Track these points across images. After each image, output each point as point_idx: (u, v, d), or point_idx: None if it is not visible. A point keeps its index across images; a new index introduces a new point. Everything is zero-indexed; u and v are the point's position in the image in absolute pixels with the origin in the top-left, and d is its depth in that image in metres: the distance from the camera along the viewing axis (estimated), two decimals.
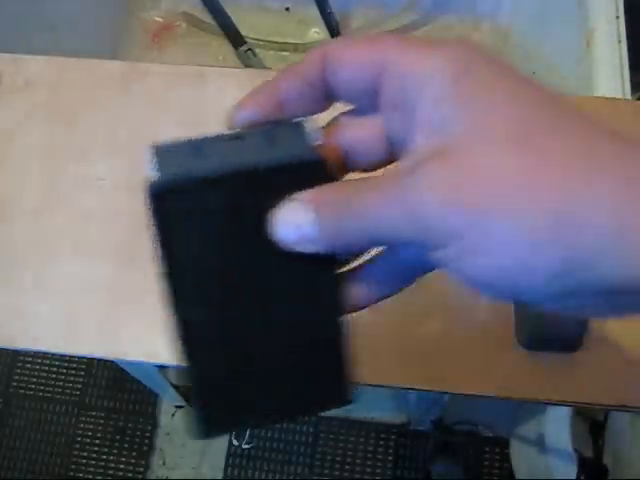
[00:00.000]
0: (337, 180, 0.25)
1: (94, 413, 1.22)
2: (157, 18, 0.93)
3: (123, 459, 1.20)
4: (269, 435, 1.10)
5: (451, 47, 0.22)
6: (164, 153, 0.23)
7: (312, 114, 0.25)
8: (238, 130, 0.24)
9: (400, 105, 0.23)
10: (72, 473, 1.20)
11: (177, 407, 1.21)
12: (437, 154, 0.21)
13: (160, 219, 0.23)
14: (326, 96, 0.24)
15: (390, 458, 1.08)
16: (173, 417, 1.21)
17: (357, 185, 0.23)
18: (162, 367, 0.85)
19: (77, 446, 1.22)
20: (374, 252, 0.26)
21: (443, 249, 0.21)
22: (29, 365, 1.26)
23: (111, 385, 1.24)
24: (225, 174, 0.23)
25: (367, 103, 0.24)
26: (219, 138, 0.23)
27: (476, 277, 0.21)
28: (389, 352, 0.44)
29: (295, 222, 0.23)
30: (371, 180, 0.23)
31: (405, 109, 0.23)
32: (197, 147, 0.23)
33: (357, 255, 0.26)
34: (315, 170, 0.24)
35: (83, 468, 1.20)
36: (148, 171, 0.23)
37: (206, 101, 0.51)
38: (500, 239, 0.20)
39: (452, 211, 0.20)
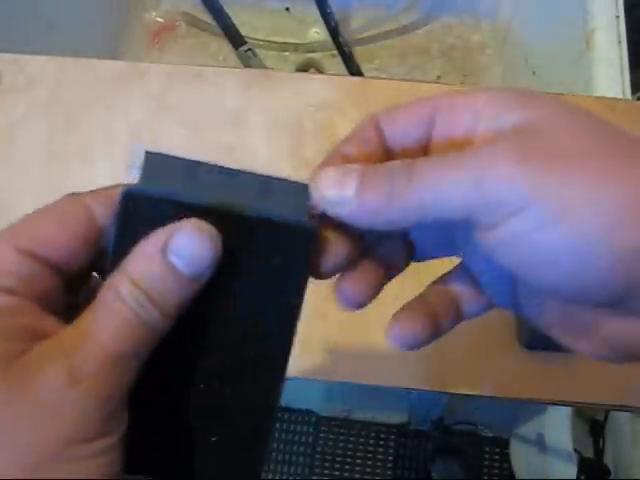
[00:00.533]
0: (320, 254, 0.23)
1: None
2: (157, 18, 0.93)
3: None
4: None
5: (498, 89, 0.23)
6: (155, 162, 0.22)
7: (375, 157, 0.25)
8: (238, 169, 0.23)
9: (455, 133, 0.23)
10: None
11: None
12: (514, 131, 0.21)
13: (123, 225, 0.21)
14: (381, 150, 0.24)
15: (390, 458, 1.08)
16: None
17: (423, 158, 0.22)
18: None
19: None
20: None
21: (508, 222, 0.20)
22: None
23: None
24: (203, 205, 0.21)
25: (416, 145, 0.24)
26: (215, 169, 0.23)
27: (545, 251, 0.20)
28: (389, 352, 0.44)
29: (337, 180, 0.22)
30: (434, 157, 0.22)
31: (461, 133, 0.23)
32: (189, 168, 0.22)
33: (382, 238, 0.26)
34: (302, 239, 0.22)
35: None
36: (132, 173, 0.22)
37: (206, 101, 0.51)
38: (583, 210, 0.19)
39: (531, 175, 0.20)
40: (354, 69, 0.85)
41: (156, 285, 0.21)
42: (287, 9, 0.94)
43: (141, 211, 0.21)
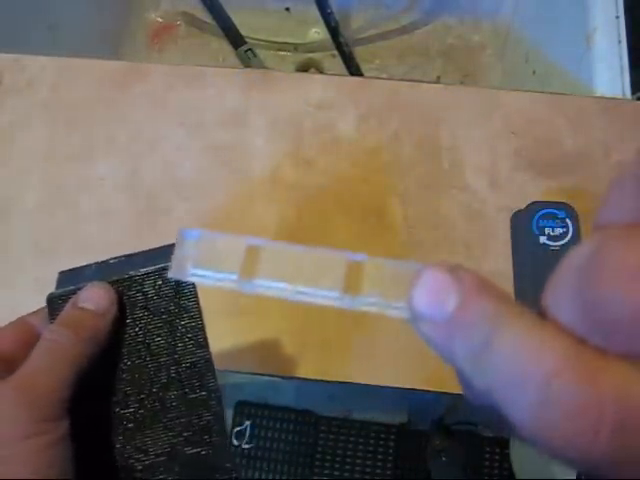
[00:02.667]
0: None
1: None
2: (157, 18, 0.94)
3: None
4: (269, 435, 1.09)
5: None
6: (67, 274, 0.31)
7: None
8: (127, 254, 0.31)
9: None
10: None
11: None
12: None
13: (51, 316, 0.30)
14: None
15: (390, 458, 1.08)
16: None
17: (522, 310, 0.17)
18: None
19: None
20: None
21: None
22: None
23: None
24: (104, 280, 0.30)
25: None
26: (112, 260, 0.31)
27: None
28: (389, 352, 0.44)
29: (437, 295, 0.19)
30: (523, 315, 0.17)
31: None
32: (91, 267, 0.31)
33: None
34: (167, 279, 0.31)
35: None
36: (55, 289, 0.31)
37: (206, 101, 0.51)
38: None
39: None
40: (354, 69, 0.85)
41: (69, 319, 0.29)
42: (287, 9, 0.94)
43: (60, 304, 0.30)
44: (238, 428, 1.03)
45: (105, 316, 0.29)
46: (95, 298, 0.29)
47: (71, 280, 0.31)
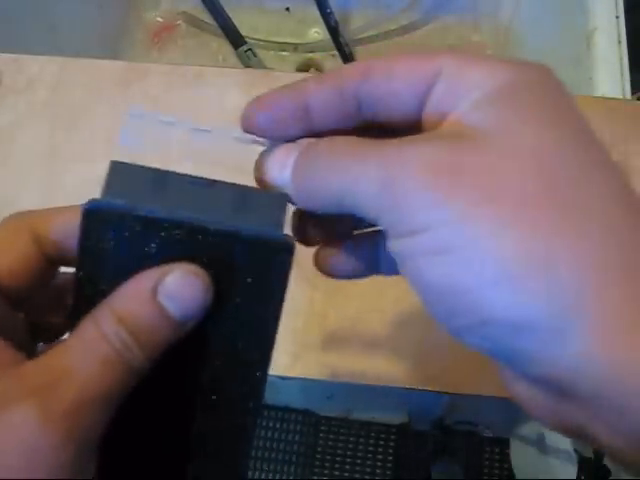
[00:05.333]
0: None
1: None
2: (157, 18, 0.93)
3: None
4: (269, 435, 1.09)
5: (512, 64, 0.20)
6: (123, 173, 0.21)
7: (339, 127, 0.22)
8: (211, 179, 0.22)
9: (443, 113, 0.20)
10: None
11: None
12: (448, 134, 0.19)
13: (86, 242, 0.20)
14: (355, 107, 0.21)
15: (390, 458, 1.08)
16: None
17: (344, 139, 0.20)
18: None
19: None
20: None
21: (404, 238, 0.18)
22: None
23: None
24: (172, 220, 0.20)
25: (401, 115, 0.21)
26: (186, 179, 0.21)
27: (428, 280, 0.18)
28: (389, 352, 0.44)
29: (280, 162, 0.22)
30: (358, 139, 0.20)
31: (444, 112, 0.20)
32: (159, 180, 0.21)
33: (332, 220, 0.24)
34: (278, 254, 0.21)
35: None
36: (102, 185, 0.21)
37: (206, 101, 0.51)
38: (481, 255, 0.17)
39: (440, 198, 0.17)
40: None
41: (144, 325, 0.19)
42: (287, 9, 0.93)
43: (105, 227, 0.20)
44: None
45: (186, 326, 0.20)
46: (185, 298, 0.20)
47: (130, 187, 0.20)
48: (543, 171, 0.18)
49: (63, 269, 0.23)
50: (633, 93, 0.56)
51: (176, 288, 0.20)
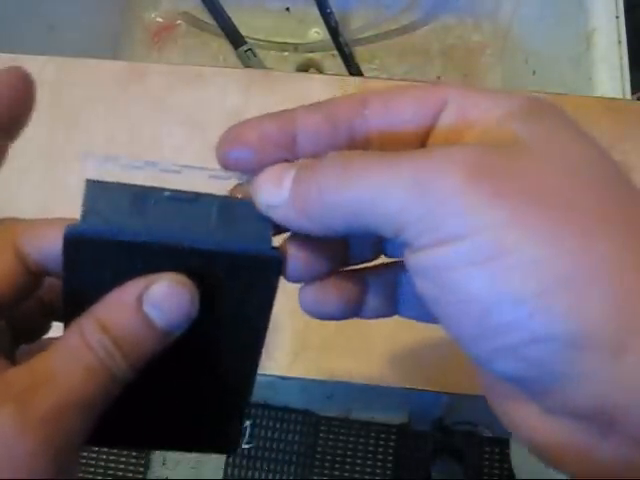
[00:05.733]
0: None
1: None
2: (157, 18, 0.93)
3: (123, 459, 1.20)
4: (269, 435, 1.09)
5: (516, 94, 0.19)
6: (100, 192, 0.20)
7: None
8: (193, 192, 0.21)
9: (453, 139, 0.19)
10: None
11: None
12: (484, 140, 0.18)
13: (70, 267, 0.20)
14: (348, 139, 0.20)
15: (390, 458, 1.08)
16: None
17: (356, 151, 0.19)
18: None
19: None
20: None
21: (437, 249, 0.17)
22: None
23: None
24: (153, 243, 0.20)
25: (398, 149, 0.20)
26: (167, 195, 0.20)
27: (469, 292, 0.17)
28: (389, 352, 0.44)
29: (274, 180, 0.20)
30: (371, 151, 0.19)
31: (457, 138, 0.19)
32: (139, 197, 0.20)
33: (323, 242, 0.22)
34: (266, 268, 0.21)
35: (83, 468, 1.20)
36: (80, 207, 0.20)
37: (206, 101, 0.51)
38: (532, 262, 0.16)
39: (483, 201, 0.16)
40: (354, 69, 0.85)
41: (128, 334, 0.19)
42: (287, 9, 0.93)
43: (88, 252, 0.20)
44: None
45: (171, 336, 0.20)
46: (170, 307, 0.19)
47: (108, 208, 0.20)
48: (592, 178, 0.17)
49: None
50: (633, 93, 0.56)
51: (161, 297, 0.19)
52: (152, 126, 0.50)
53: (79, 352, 0.19)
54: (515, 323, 0.16)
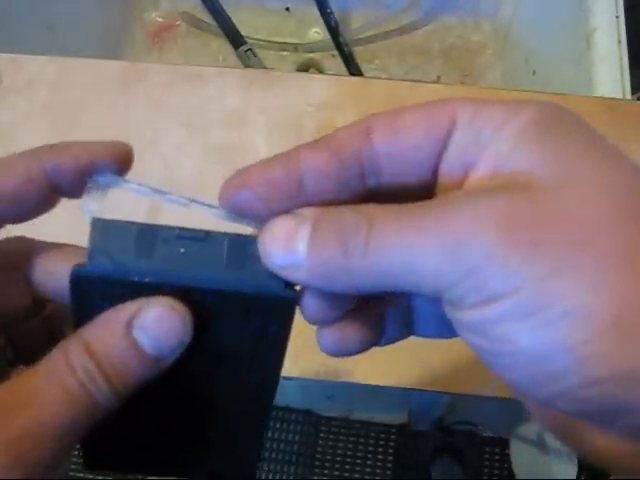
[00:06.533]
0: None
1: None
2: (157, 18, 0.93)
3: None
4: (269, 435, 1.09)
5: (530, 103, 0.19)
6: (107, 230, 0.20)
7: (338, 198, 0.19)
8: (202, 230, 0.20)
9: (467, 163, 0.19)
10: (72, 473, 1.20)
11: None
12: (507, 187, 0.17)
13: (78, 305, 0.20)
14: (357, 174, 0.19)
15: (390, 458, 1.08)
16: None
17: (375, 206, 0.18)
18: None
19: (77, 446, 1.22)
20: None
21: (481, 307, 0.17)
22: None
23: None
24: (162, 284, 0.19)
25: (411, 177, 0.19)
26: (175, 233, 0.20)
27: (520, 345, 0.16)
28: (389, 352, 0.44)
29: (286, 242, 0.18)
30: (396, 206, 0.18)
31: (470, 161, 0.18)
32: (147, 236, 0.20)
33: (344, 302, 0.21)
34: (280, 307, 0.20)
35: (82, 467, 1.20)
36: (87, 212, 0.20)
37: (206, 101, 0.51)
38: (583, 309, 0.16)
39: (523, 256, 0.16)
40: (354, 69, 0.85)
41: (113, 359, 0.19)
42: (287, 9, 0.93)
43: (95, 291, 0.19)
44: None
45: (161, 363, 0.19)
46: (160, 332, 0.19)
47: (116, 247, 0.19)
48: (622, 210, 0.16)
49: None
50: (633, 93, 0.56)
51: (152, 322, 0.19)
52: (152, 126, 0.50)
53: (60, 374, 0.18)
54: (566, 371, 0.16)
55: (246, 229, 0.20)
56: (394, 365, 0.44)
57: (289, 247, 0.18)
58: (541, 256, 0.16)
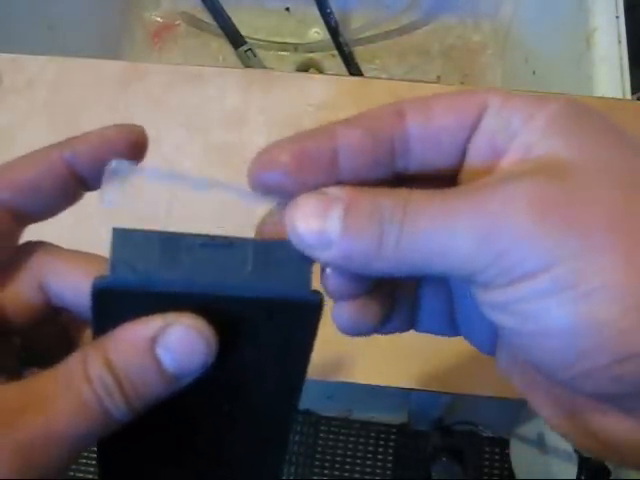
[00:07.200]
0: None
1: None
2: (157, 18, 0.93)
3: None
4: None
5: (554, 97, 0.19)
6: (128, 240, 0.19)
7: (369, 177, 0.19)
8: (226, 237, 0.19)
9: (497, 148, 0.19)
10: (72, 473, 1.20)
11: None
12: (540, 170, 0.17)
13: (99, 316, 0.19)
14: (389, 154, 0.19)
15: (390, 458, 1.08)
16: None
17: (408, 191, 0.18)
18: None
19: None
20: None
21: (513, 285, 0.17)
22: None
23: None
24: (186, 294, 0.19)
25: (439, 161, 0.20)
26: (198, 241, 0.19)
27: (555, 321, 0.17)
28: (389, 352, 0.44)
29: (317, 221, 0.18)
30: (429, 191, 0.18)
31: (500, 146, 0.19)
32: (169, 245, 0.19)
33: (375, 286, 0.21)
34: (306, 312, 0.20)
35: (83, 468, 1.20)
36: (108, 256, 0.19)
37: (206, 101, 0.51)
38: (615, 285, 0.16)
39: (553, 234, 0.16)
40: (354, 69, 0.85)
41: (132, 374, 0.18)
42: (287, 9, 0.94)
43: (118, 303, 0.19)
44: None
45: (180, 383, 0.19)
46: (184, 352, 0.18)
47: (138, 257, 0.19)
48: None
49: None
50: (633, 93, 0.56)
51: (176, 342, 0.18)
52: (152, 126, 0.50)
53: (76, 383, 0.18)
54: (597, 347, 0.16)
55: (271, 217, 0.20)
56: (394, 365, 0.44)
57: (321, 226, 0.18)
58: (573, 235, 0.16)
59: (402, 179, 0.20)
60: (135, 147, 0.22)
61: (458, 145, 0.19)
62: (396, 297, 0.23)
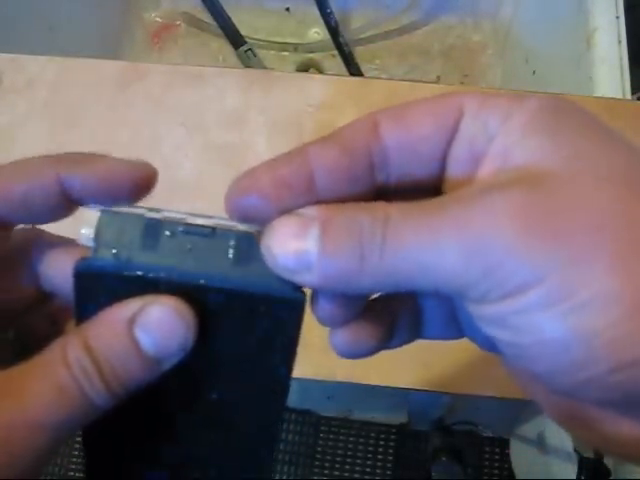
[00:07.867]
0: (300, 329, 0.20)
1: None
2: (157, 18, 0.93)
3: None
4: None
5: (532, 95, 0.19)
6: (114, 222, 0.19)
7: (349, 193, 0.19)
8: (209, 226, 0.19)
9: (476, 152, 0.18)
10: (72, 473, 1.20)
11: None
12: (520, 179, 0.17)
13: (81, 300, 0.19)
14: (367, 169, 0.19)
15: (390, 458, 1.08)
16: None
17: (385, 204, 0.18)
18: None
19: (77, 446, 1.22)
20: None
21: (505, 299, 0.16)
22: None
23: None
24: (166, 280, 0.19)
25: (420, 170, 0.19)
26: (182, 228, 0.19)
27: (550, 333, 0.16)
28: (389, 352, 0.44)
29: (293, 243, 0.18)
30: (410, 204, 0.18)
31: (479, 151, 0.18)
32: (153, 230, 0.19)
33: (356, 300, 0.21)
34: (289, 309, 0.20)
35: (83, 468, 1.20)
36: (85, 239, 0.19)
37: (206, 101, 0.51)
38: (607, 294, 0.16)
39: (539, 246, 0.16)
40: (354, 69, 0.85)
41: (111, 357, 0.18)
42: (287, 9, 0.94)
43: (99, 285, 0.19)
44: None
45: (161, 366, 0.19)
46: (162, 334, 0.18)
47: (121, 241, 0.19)
48: (634, 192, 0.17)
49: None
50: (633, 93, 0.56)
51: (155, 323, 0.18)
52: (152, 126, 0.50)
53: (55, 368, 0.18)
54: (593, 357, 0.16)
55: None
56: (394, 365, 0.44)
57: (298, 248, 0.17)
58: (560, 245, 0.16)
59: (384, 191, 0.19)
60: (140, 187, 0.21)
61: (437, 153, 0.19)
62: (397, 313, 0.23)
